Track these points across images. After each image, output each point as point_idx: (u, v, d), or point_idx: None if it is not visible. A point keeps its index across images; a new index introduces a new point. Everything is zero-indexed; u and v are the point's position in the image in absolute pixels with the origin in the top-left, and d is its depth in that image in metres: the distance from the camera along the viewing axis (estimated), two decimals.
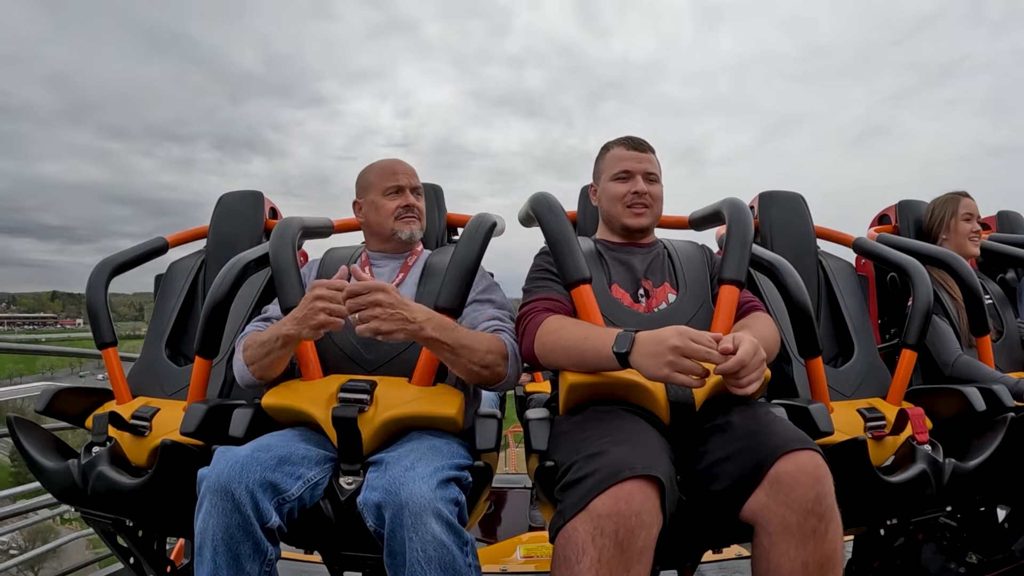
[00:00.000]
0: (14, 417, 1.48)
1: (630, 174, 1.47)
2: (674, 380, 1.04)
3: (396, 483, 1.03)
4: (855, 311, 1.77)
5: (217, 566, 1.01)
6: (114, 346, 1.65)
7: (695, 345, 1.02)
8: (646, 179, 1.47)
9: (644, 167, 1.47)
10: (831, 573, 0.95)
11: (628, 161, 1.48)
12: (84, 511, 1.41)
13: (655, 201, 1.48)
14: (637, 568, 0.90)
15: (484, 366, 1.25)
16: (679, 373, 1.03)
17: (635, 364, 1.09)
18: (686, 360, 1.02)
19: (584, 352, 1.18)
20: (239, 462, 1.06)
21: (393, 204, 1.52)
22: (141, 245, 1.83)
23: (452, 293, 1.29)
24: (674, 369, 1.03)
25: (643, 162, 1.48)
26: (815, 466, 0.98)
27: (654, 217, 1.49)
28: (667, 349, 1.03)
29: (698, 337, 1.03)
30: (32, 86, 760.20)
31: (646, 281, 1.42)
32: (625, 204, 1.47)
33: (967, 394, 1.45)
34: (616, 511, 0.91)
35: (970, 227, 1.97)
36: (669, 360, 1.03)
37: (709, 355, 1.03)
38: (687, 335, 1.03)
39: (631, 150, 1.49)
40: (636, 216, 1.46)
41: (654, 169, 1.49)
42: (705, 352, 1.03)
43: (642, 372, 1.08)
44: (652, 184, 1.48)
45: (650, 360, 1.05)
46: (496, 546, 2.61)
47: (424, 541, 0.99)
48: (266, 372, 1.29)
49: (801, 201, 1.92)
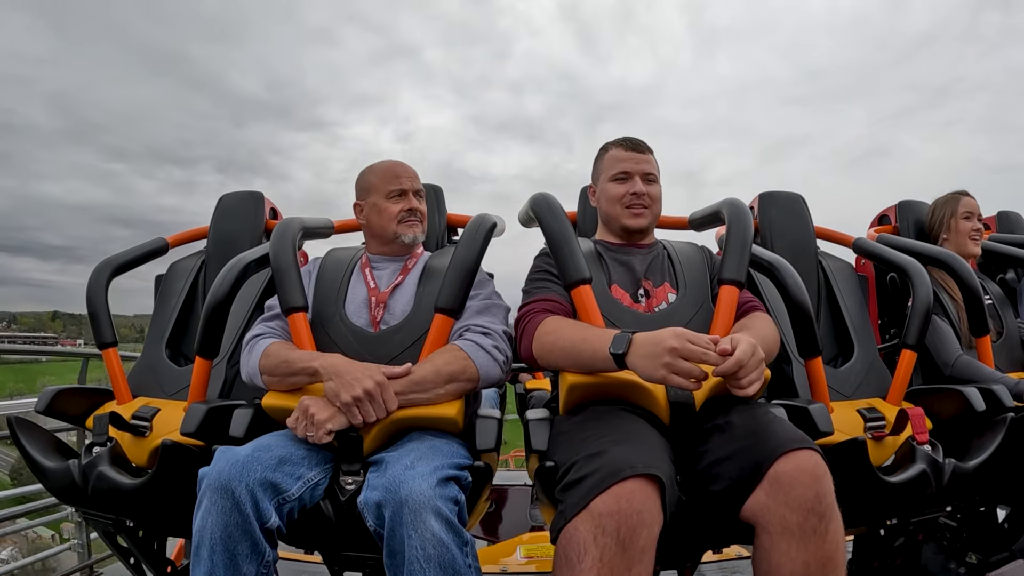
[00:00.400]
0: (15, 417, 1.48)
1: (628, 175, 1.47)
2: (671, 382, 1.04)
3: (396, 481, 1.03)
4: (855, 311, 1.77)
5: (214, 565, 1.01)
6: (114, 346, 1.65)
7: (692, 347, 1.03)
8: (644, 179, 1.47)
9: (642, 168, 1.47)
10: (832, 573, 0.94)
11: (626, 162, 1.48)
12: (85, 511, 1.41)
13: (653, 201, 1.49)
14: (639, 567, 0.90)
15: (451, 383, 1.24)
16: (676, 375, 1.03)
17: (632, 365, 1.09)
18: (683, 362, 1.03)
19: (581, 353, 1.18)
20: (240, 461, 1.06)
21: (396, 208, 1.51)
22: (141, 245, 1.83)
23: (452, 294, 1.29)
24: (671, 371, 1.03)
25: (641, 163, 1.48)
26: (814, 465, 0.98)
27: (653, 217, 1.50)
28: (664, 351, 1.03)
29: (696, 339, 1.04)
30: (34, 105, 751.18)
31: (646, 281, 1.42)
32: (624, 205, 1.47)
33: (967, 394, 1.45)
34: (617, 509, 0.91)
35: (971, 226, 1.97)
36: (666, 362, 1.03)
37: (706, 356, 1.03)
38: (685, 337, 1.03)
39: (629, 151, 1.49)
40: (635, 217, 1.47)
41: (652, 169, 1.49)
42: (702, 354, 1.03)
43: (639, 374, 1.08)
44: (650, 184, 1.48)
45: (647, 361, 1.06)
46: (496, 546, 2.61)
47: (423, 539, 0.98)
48: (278, 388, 1.29)
49: (801, 201, 1.92)
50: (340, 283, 1.46)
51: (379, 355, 1.34)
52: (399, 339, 1.35)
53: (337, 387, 1.16)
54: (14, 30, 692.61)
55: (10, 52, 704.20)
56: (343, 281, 1.46)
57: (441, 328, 1.30)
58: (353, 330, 1.37)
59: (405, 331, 1.36)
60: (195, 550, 1.03)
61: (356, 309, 1.41)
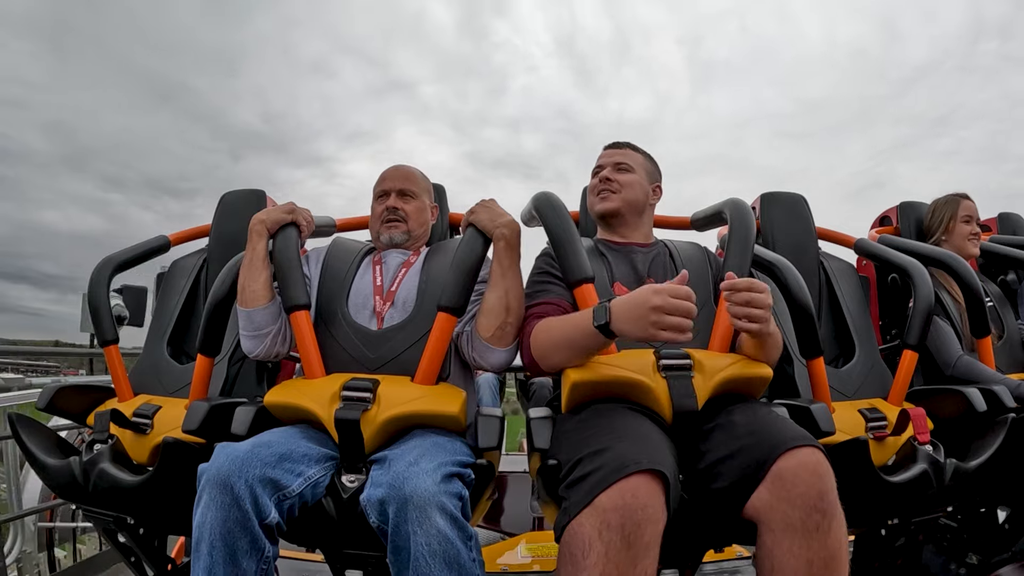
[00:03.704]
0: (16, 414, 1.48)
1: (601, 168, 1.55)
2: (660, 338, 1.05)
3: (400, 478, 1.03)
4: (856, 312, 1.77)
5: (213, 561, 1.00)
6: (115, 343, 1.65)
7: (675, 301, 1.04)
8: (615, 167, 1.53)
9: (614, 159, 1.55)
10: (836, 571, 0.94)
11: (602, 158, 1.58)
12: (85, 508, 1.41)
13: (623, 187, 1.51)
14: (644, 563, 0.90)
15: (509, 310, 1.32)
16: (665, 331, 1.04)
17: (619, 332, 1.10)
18: (669, 317, 1.04)
19: (573, 339, 1.18)
20: (239, 457, 1.06)
21: (380, 208, 1.55)
22: (143, 243, 1.82)
23: (455, 292, 1.29)
24: (659, 328, 1.04)
25: (614, 156, 1.56)
26: (817, 462, 0.98)
27: (622, 202, 1.51)
28: (648, 310, 1.04)
29: (676, 291, 1.05)
30: (32, 132, 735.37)
31: (649, 279, 1.43)
32: (594, 193, 1.55)
33: (968, 395, 1.45)
34: (622, 504, 0.91)
35: (970, 229, 1.97)
36: (652, 320, 1.04)
37: (689, 308, 1.05)
38: (665, 292, 1.05)
39: (607, 149, 1.59)
40: (601, 200, 1.53)
41: (625, 160, 1.54)
42: (686, 307, 1.04)
43: (629, 337, 1.09)
44: (622, 173, 1.52)
45: (633, 324, 1.07)
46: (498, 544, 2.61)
47: (429, 535, 0.99)
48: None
49: (803, 202, 1.93)
50: (345, 276, 1.46)
51: (381, 353, 1.34)
52: (402, 337, 1.35)
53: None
54: (12, 54, 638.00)
55: (7, 75, 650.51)
56: (348, 274, 1.47)
57: (444, 326, 1.30)
58: (355, 327, 1.37)
59: (408, 329, 1.36)
60: (195, 546, 1.02)
61: (359, 305, 1.42)
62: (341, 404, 1.21)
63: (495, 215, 1.35)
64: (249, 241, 1.40)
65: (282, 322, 1.40)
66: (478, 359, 1.39)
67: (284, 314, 1.39)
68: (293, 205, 1.45)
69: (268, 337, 1.39)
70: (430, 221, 1.64)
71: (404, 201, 1.55)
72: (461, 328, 1.40)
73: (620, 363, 1.21)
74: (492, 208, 1.37)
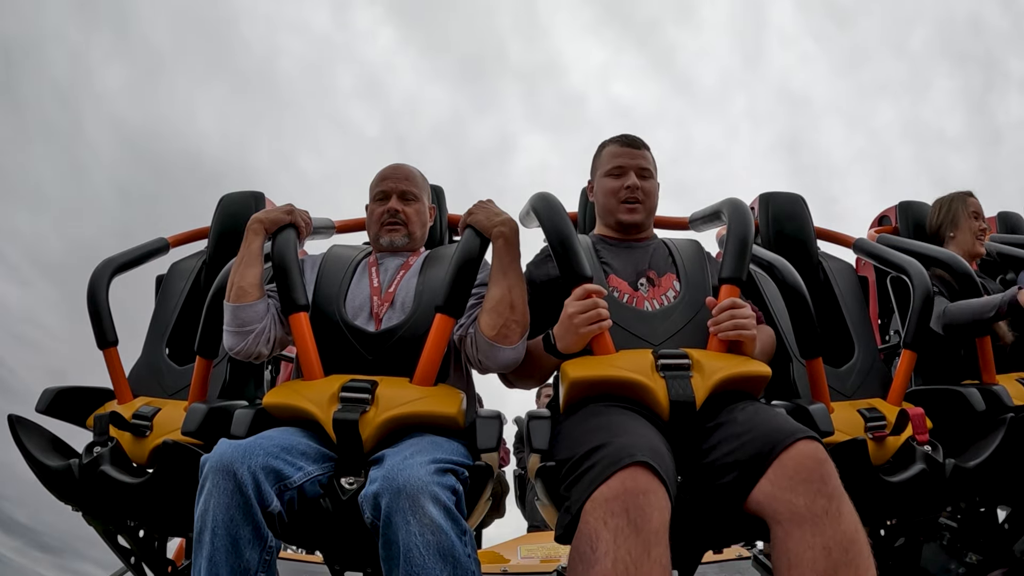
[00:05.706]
0: (15, 416, 1.48)
1: (623, 169, 1.51)
2: (591, 331, 1.20)
3: (394, 470, 1.03)
4: (855, 312, 1.77)
5: (215, 548, 0.99)
6: (115, 346, 1.65)
7: (580, 302, 1.21)
8: (639, 174, 1.50)
9: (638, 163, 1.51)
10: (858, 556, 0.89)
11: (622, 157, 1.52)
12: (85, 510, 1.42)
13: (647, 196, 1.52)
14: (657, 550, 0.87)
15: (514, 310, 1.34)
16: (586, 327, 1.20)
17: (563, 348, 1.26)
18: (582, 315, 1.19)
19: (535, 359, 1.36)
20: (242, 446, 1.06)
21: (379, 210, 1.53)
22: (142, 246, 1.83)
23: (453, 294, 1.29)
24: (581, 326, 1.20)
25: (636, 158, 1.52)
26: (815, 449, 0.99)
27: (647, 212, 1.53)
28: (568, 320, 1.22)
29: (576, 296, 1.22)
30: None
31: (650, 271, 1.44)
32: (619, 200, 1.51)
33: (967, 395, 1.45)
34: (623, 491, 0.90)
35: (979, 225, 1.96)
36: (574, 324, 1.20)
37: (594, 303, 1.20)
38: (572, 299, 1.22)
39: (625, 147, 1.53)
40: (630, 212, 1.51)
41: (648, 165, 1.53)
42: (590, 302, 1.20)
43: (572, 347, 1.24)
44: (645, 180, 1.51)
45: (567, 338, 1.24)
46: (496, 547, 2.61)
47: (422, 524, 0.97)
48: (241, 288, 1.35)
49: (801, 202, 1.93)
50: (342, 280, 1.46)
51: (380, 354, 1.34)
52: (400, 338, 1.35)
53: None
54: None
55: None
56: (345, 278, 1.46)
57: (442, 328, 1.30)
58: (353, 329, 1.37)
59: (406, 330, 1.36)
60: (197, 537, 1.01)
61: (357, 307, 1.42)
62: (340, 405, 1.21)
63: (492, 214, 1.35)
64: (245, 238, 1.39)
65: (268, 323, 1.36)
66: (485, 360, 1.36)
67: (272, 316, 1.37)
68: (292, 206, 1.45)
69: (251, 335, 1.35)
70: (429, 222, 1.64)
71: (405, 203, 1.54)
72: (464, 331, 1.39)
73: (619, 363, 1.21)
74: (489, 208, 1.37)
